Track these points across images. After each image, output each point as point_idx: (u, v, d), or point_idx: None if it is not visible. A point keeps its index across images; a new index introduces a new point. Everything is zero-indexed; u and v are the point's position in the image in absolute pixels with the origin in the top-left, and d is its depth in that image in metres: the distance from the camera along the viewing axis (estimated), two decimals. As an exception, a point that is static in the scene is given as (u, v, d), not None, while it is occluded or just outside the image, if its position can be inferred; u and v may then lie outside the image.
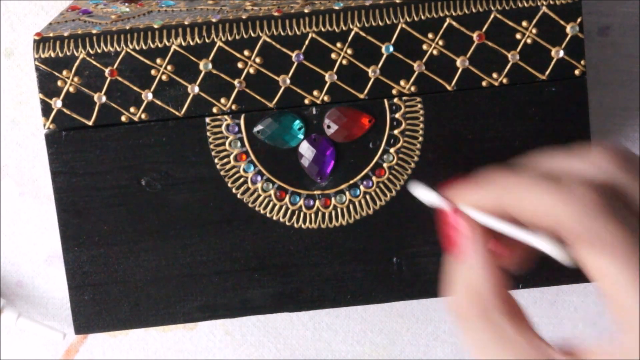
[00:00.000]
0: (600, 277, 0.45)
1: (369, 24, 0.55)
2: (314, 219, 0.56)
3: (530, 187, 0.47)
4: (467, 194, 0.49)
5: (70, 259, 0.56)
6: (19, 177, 0.68)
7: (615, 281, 0.44)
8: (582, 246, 0.45)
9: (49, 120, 0.55)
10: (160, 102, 0.55)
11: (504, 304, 0.47)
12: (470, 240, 0.48)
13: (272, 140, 0.56)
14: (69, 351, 0.69)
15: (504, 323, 0.47)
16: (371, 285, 0.57)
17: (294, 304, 0.57)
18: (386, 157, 0.56)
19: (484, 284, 0.48)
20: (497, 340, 0.47)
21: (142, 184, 0.56)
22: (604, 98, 0.68)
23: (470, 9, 0.55)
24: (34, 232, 0.68)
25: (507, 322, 0.47)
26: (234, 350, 0.70)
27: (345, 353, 0.70)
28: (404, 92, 0.55)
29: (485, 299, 0.48)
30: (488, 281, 0.48)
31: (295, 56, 0.55)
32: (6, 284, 0.69)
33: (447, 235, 0.49)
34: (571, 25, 0.55)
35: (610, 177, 0.47)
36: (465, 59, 0.55)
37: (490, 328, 0.47)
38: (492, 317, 0.47)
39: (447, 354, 0.70)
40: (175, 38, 0.55)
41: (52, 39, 0.55)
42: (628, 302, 0.44)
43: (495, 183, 0.48)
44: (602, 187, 0.46)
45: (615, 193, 0.46)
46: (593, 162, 0.47)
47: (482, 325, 0.47)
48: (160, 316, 0.57)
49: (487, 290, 0.48)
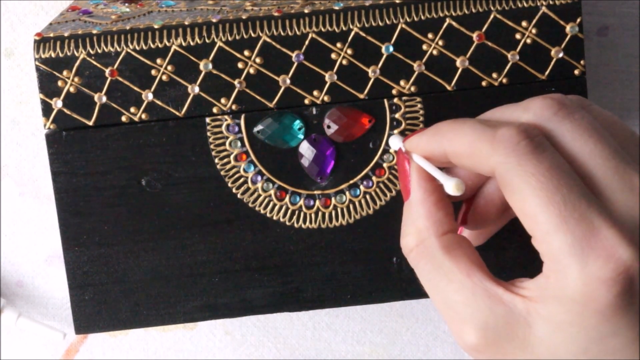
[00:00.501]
0: (523, 217, 0.45)
1: (369, 24, 0.55)
2: (314, 219, 0.56)
3: (462, 131, 0.47)
4: (415, 141, 0.50)
5: (70, 259, 0.56)
6: (19, 177, 0.68)
7: (535, 220, 0.44)
8: (504, 187, 0.46)
9: (49, 120, 0.55)
10: (160, 102, 0.55)
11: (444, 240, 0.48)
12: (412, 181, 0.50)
13: (272, 140, 0.56)
14: (69, 351, 0.69)
15: (443, 259, 0.48)
16: (371, 285, 0.57)
17: (294, 304, 0.57)
18: (386, 157, 0.56)
19: (423, 222, 0.49)
20: (440, 276, 0.48)
21: (142, 184, 0.56)
22: (604, 98, 0.68)
23: (470, 9, 0.55)
24: (34, 232, 0.68)
25: (446, 258, 0.47)
26: (234, 350, 0.70)
27: (345, 353, 0.70)
28: (404, 92, 0.55)
29: (425, 237, 0.48)
30: (427, 219, 0.49)
31: (295, 56, 0.55)
32: (6, 284, 0.69)
33: (402, 181, 0.51)
34: (571, 25, 0.55)
35: (541, 122, 0.47)
36: (465, 59, 0.55)
37: (432, 265, 0.48)
38: (432, 254, 0.48)
39: (447, 354, 0.70)
40: (175, 38, 0.55)
41: (53, 39, 0.55)
42: (548, 240, 0.44)
43: (438, 129, 0.49)
44: (526, 129, 0.46)
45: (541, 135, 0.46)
46: (531, 109, 0.47)
47: (426, 263, 0.48)
48: (160, 316, 0.57)
49: (426, 227, 0.49)
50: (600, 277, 0.43)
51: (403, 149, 0.51)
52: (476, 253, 0.48)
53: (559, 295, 0.44)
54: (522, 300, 0.45)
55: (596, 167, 0.45)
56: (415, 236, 0.49)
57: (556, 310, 0.44)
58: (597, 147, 0.45)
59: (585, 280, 0.43)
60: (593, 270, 0.43)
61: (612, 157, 0.45)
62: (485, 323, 0.46)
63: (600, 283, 0.43)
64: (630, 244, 0.43)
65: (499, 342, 0.46)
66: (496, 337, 0.46)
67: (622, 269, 0.43)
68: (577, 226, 0.43)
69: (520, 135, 0.45)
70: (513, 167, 0.45)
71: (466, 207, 0.52)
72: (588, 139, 0.46)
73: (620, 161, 0.45)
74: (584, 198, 0.44)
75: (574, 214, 0.44)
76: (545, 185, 0.44)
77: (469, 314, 0.46)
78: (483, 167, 0.47)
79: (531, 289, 0.45)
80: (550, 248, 0.44)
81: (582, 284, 0.43)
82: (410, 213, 0.49)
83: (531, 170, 0.45)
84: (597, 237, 0.43)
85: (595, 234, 0.43)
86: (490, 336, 0.46)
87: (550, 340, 0.45)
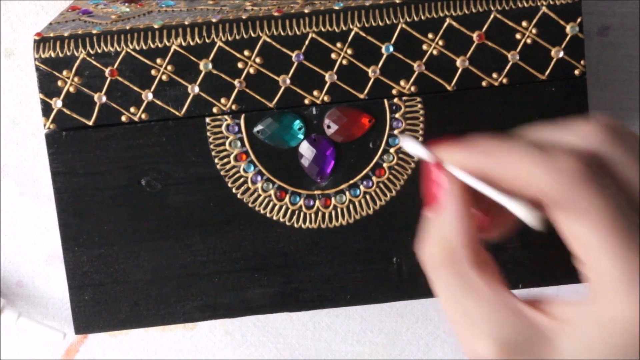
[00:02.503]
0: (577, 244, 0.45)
1: (369, 24, 0.55)
2: (314, 219, 0.56)
3: (514, 153, 0.47)
4: (452, 153, 0.49)
5: (70, 259, 0.56)
6: (19, 177, 0.68)
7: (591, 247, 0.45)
8: (560, 213, 0.45)
9: (49, 120, 0.55)
10: (160, 102, 0.55)
11: (473, 254, 0.48)
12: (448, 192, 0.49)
13: (272, 140, 0.56)
14: (69, 351, 0.69)
15: (470, 272, 0.47)
16: (371, 285, 0.57)
17: (294, 304, 0.57)
18: (386, 157, 0.56)
19: (455, 234, 0.48)
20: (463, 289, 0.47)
21: (142, 184, 0.56)
22: (603, 98, 0.68)
23: (470, 9, 0.55)
24: (34, 232, 0.68)
25: (474, 272, 0.47)
26: (234, 350, 0.70)
27: (345, 353, 0.70)
28: (404, 92, 0.55)
29: (454, 249, 0.48)
30: (460, 232, 0.48)
31: (295, 56, 0.55)
32: (6, 284, 0.69)
33: (428, 190, 0.50)
34: (571, 25, 0.55)
35: (597, 149, 0.47)
36: (465, 59, 0.55)
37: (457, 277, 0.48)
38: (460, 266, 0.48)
39: (447, 354, 0.70)
40: (175, 38, 0.55)
41: (52, 39, 0.55)
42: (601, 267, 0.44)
43: (481, 146, 0.48)
44: (586, 157, 0.46)
45: (599, 164, 0.46)
46: (582, 134, 0.47)
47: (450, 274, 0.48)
48: (160, 316, 0.57)
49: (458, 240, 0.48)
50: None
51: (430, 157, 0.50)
52: (497, 269, 0.48)
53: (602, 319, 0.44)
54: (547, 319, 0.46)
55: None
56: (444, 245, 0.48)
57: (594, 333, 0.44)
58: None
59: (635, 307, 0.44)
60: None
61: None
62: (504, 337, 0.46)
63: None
64: None
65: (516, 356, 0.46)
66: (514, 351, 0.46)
67: None
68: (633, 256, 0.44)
69: (580, 162, 0.45)
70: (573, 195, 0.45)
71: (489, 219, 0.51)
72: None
73: None
74: None
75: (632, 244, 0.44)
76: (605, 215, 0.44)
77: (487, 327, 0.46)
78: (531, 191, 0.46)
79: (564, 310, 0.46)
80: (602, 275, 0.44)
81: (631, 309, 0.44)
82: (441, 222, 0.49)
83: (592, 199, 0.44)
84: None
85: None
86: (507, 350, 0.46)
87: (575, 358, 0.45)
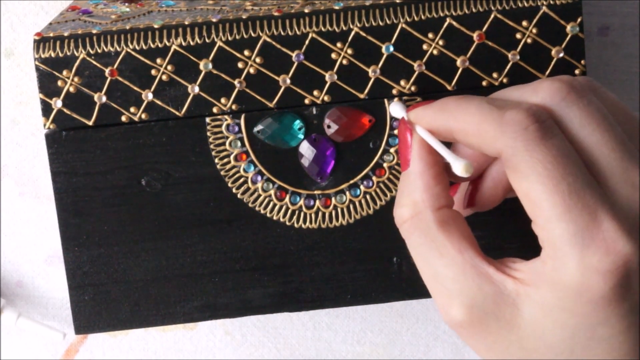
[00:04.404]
0: (526, 202, 0.45)
1: (369, 24, 0.55)
2: (314, 219, 0.56)
3: (469, 110, 0.47)
4: (422, 113, 0.50)
5: (70, 259, 0.56)
6: (19, 177, 0.68)
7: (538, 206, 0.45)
8: (511, 170, 0.46)
9: (49, 120, 0.55)
10: (160, 102, 0.55)
11: (440, 215, 0.48)
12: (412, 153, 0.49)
13: (272, 140, 0.56)
14: (69, 351, 0.69)
15: (437, 233, 0.48)
16: (371, 285, 0.57)
17: (294, 304, 0.57)
18: (386, 157, 0.56)
19: (419, 195, 0.49)
20: (431, 249, 0.48)
21: (142, 184, 0.56)
22: (604, 98, 0.68)
23: (470, 9, 0.55)
24: (34, 232, 0.68)
25: (440, 232, 0.47)
26: (234, 350, 0.70)
27: (345, 353, 0.70)
28: (404, 92, 0.55)
29: (420, 209, 0.48)
30: (424, 192, 0.48)
31: (296, 56, 0.55)
32: (6, 284, 0.69)
33: (402, 152, 0.50)
34: (571, 25, 0.55)
35: (552, 106, 0.47)
36: (465, 58, 0.55)
37: (424, 237, 0.48)
38: (426, 227, 0.48)
39: (447, 354, 0.70)
40: (175, 38, 0.55)
41: (52, 39, 0.55)
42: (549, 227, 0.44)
43: (445, 105, 0.49)
44: (535, 112, 0.46)
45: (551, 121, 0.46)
46: (542, 92, 0.47)
47: (418, 235, 0.48)
48: (160, 316, 0.57)
49: (423, 201, 0.48)
50: (598, 269, 0.43)
51: (406, 119, 0.51)
52: (469, 230, 0.48)
53: (554, 281, 0.44)
54: (512, 282, 0.46)
55: (601, 157, 0.45)
56: (411, 208, 0.49)
57: (549, 296, 0.45)
58: (604, 136, 0.45)
59: (583, 270, 0.44)
60: (592, 261, 0.43)
61: (618, 148, 0.45)
62: (472, 300, 0.46)
63: (598, 274, 0.43)
64: (630, 238, 0.43)
65: (485, 321, 0.46)
66: (482, 315, 0.46)
67: (620, 263, 0.43)
68: (580, 216, 0.44)
69: (529, 119, 0.45)
70: (520, 152, 0.45)
71: (472, 189, 0.52)
72: (596, 127, 0.46)
73: (625, 154, 0.45)
74: (588, 188, 0.44)
75: (578, 204, 0.44)
76: (552, 173, 0.44)
77: (456, 290, 0.46)
78: (489, 148, 0.47)
79: (524, 271, 0.46)
80: (551, 235, 0.44)
81: (579, 273, 0.44)
82: (408, 184, 0.49)
83: (538, 156, 0.45)
84: (599, 229, 0.44)
85: (597, 225, 0.44)
86: (476, 314, 0.46)
87: (538, 323, 0.45)
